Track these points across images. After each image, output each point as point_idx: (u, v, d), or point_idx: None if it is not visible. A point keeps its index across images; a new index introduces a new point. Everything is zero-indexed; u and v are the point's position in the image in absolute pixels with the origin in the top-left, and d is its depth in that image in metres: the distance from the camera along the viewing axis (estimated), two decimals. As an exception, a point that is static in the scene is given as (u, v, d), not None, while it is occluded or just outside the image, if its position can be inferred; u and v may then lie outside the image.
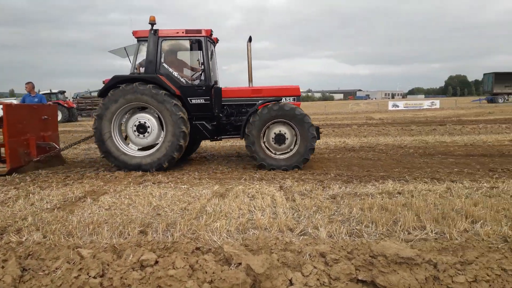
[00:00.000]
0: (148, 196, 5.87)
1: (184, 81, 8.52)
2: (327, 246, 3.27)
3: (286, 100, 8.63)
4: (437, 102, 42.46)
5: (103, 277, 2.91)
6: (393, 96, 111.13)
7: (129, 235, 4.18)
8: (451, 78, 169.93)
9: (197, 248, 3.59)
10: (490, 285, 2.63)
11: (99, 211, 5.17)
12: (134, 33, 8.34)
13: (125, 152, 8.10)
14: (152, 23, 8.11)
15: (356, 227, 4.34)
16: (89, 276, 2.86)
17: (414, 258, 2.70)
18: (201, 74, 8.55)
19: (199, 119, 8.53)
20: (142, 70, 8.58)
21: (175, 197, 5.79)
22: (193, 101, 8.44)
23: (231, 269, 2.92)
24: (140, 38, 8.39)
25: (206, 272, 2.80)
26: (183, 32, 8.35)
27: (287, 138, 8.07)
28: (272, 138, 8.06)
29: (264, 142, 8.07)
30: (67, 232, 4.34)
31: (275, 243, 3.59)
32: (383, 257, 2.72)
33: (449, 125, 17.48)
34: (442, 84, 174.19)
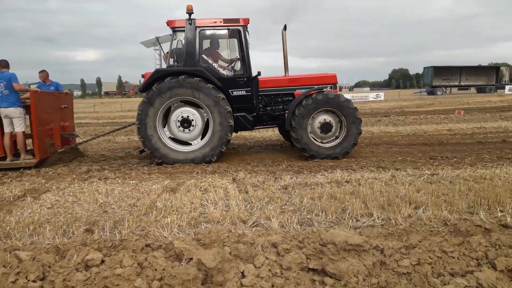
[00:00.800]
0: (94, 193, 5.61)
1: (224, 72, 8.29)
2: (279, 236, 3.29)
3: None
4: (381, 95, 44.31)
5: (43, 280, 2.73)
6: (340, 89, 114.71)
7: (74, 234, 3.97)
8: (394, 71, 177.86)
9: (147, 245, 3.47)
10: (432, 267, 2.77)
11: (40, 210, 4.86)
12: (170, 23, 7.92)
13: (171, 147, 7.84)
14: (190, 12, 7.78)
15: (307, 216, 4.41)
16: (28, 280, 2.67)
17: (362, 244, 2.78)
18: (241, 65, 8.29)
19: (240, 110, 8.28)
20: (171, 61, 8.28)
21: (123, 193, 5.57)
22: (235, 93, 8.20)
23: (181, 265, 2.85)
24: (176, 29, 7.98)
25: (155, 270, 2.71)
26: (220, 22, 8.01)
27: (333, 126, 8.08)
28: (318, 128, 8.05)
29: (310, 133, 8.03)
30: (4, 234, 4.04)
31: (228, 236, 3.56)
32: (333, 245, 2.78)
33: (393, 116, 18.31)
34: (386, 77, 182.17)
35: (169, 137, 7.95)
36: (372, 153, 8.60)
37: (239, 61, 8.39)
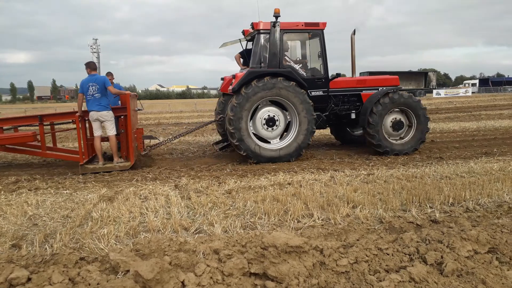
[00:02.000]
0: (22, 204, 5.20)
1: (304, 74, 8.59)
2: (221, 242, 3.25)
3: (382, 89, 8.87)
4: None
5: (-40, 305, 2.46)
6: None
7: (-2, 251, 3.64)
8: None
9: (81, 259, 3.27)
10: (369, 265, 2.87)
11: (-42, 227, 4.41)
12: (255, 25, 8.24)
13: (262, 146, 8.03)
14: (277, 15, 7.98)
15: (251, 220, 4.41)
16: None
17: (302, 246, 2.82)
18: (320, 66, 8.67)
19: (316, 110, 8.40)
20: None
21: (55, 204, 5.22)
22: (313, 93, 8.51)
23: (118, 277, 2.71)
24: (261, 31, 8.21)
25: (89, 284, 2.55)
26: (302, 25, 8.37)
27: (404, 124, 8.61)
28: (390, 126, 8.52)
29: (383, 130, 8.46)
30: None
31: (169, 245, 3.45)
32: (274, 248, 2.79)
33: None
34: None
35: (252, 133, 8.10)
36: (312, 155, 8.82)
37: (307, 63, 8.85)
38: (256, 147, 7.89)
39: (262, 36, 8.25)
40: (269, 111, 8.13)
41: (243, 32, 9.23)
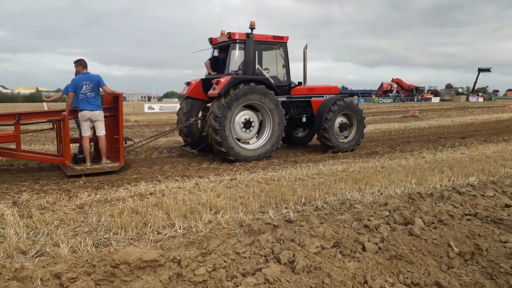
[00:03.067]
0: None
1: (272, 81, 9.29)
2: (65, 265, 2.86)
3: (326, 96, 10.37)
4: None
5: None
6: (149, 99, 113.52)
7: None
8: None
9: None
10: (227, 271, 2.86)
11: None
12: (232, 35, 8.85)
13: (241, 146, 8.69)
14: (252, 27, 8.98)
15: (105, 236, 4.04)
16: None
17: (158, 259, 2.66)
18: (284, 75, 9.80)
19: None
20: (236, 67, 9.13)
21: None
22: (279, 99, 9.18)
23: None
24: (237, 40, 8.92)
25: None
26: (271, 38, 9.39)
27: (348, 125, 10.19)
28: (338, 127, 9.92)
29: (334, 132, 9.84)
30: None
31: (1, 273, 2.91)
32: (126, 265, 2.56)
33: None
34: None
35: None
36: (178, 162, 8.65)
37: (267, 71, 9.51)
38: (236, 146, 8.49)
39: (237, 45, 9.01)
40: (245, 114, 8.80)
41: (211, 40, 9.82)
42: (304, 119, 10.12)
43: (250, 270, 2.88)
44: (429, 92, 74.03)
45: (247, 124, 8.81)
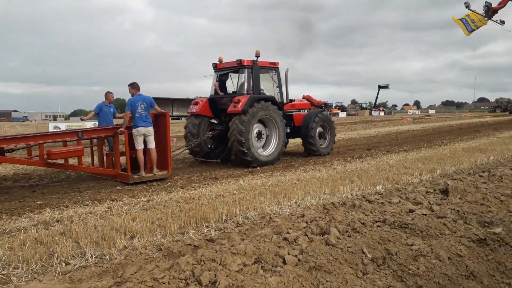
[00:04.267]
0: None
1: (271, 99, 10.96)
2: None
3: (304, 111, 12.65)
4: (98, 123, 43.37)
5: None
6: (55, 117, 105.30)
7: None
8: (117, 100, 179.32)
9: None
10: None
11: None
12: (242, 61, 10.56)
13: (260, 154, 10.40)
14: (258, 56, 10.79)
15: (2, 272, 3.58)
16: None
17: (65, 294, 2.40)
18: (278, 94, 11.63)
19: None
20: (245, 89, 10.67)
21: None
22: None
23: None
24: (246, 66, 10.65)
25: None
26: (268, 63, 11.30)
27: (325, 134, 12.62)
28: (317, 136, 12.11)
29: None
30: None
31: None
32: (27, 305, 2.27)
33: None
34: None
35: None
36: (94, 185, 8.06)
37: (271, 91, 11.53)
38: (256, 153, 10.10)
39: (246, 70, 10.74)
40: (257, 127, 10.44)
41: (215, 65, 11.37)
42: (288, 130, 11.75)
43: (169, 296, 2.74)
44: (337, 107, 78.93)
45: (259, 135, 10.57)
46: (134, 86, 8.52)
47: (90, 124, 24.91)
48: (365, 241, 3.89)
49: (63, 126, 39.63)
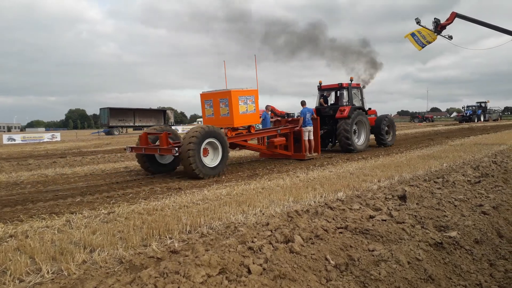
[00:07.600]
0: None
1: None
2: None
3: (372, 116, 17.95)
4: (58, 135, 41.75)
5: None
6: (9, 129, 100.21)
7: None
8: (71, 111, 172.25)
9: None
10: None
11: None
12: (342, 84, 16.19)
13: (358, 144, 15.76)
14: (352, 80, 16.20)
15: None
16: None
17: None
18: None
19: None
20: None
21: None
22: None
23: None
24: (344, 87, 16.19)
25: None
26: (356, 84, 16.72)
27: (390, 131, 18.05)
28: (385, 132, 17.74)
29: None
30: None
31: None
32: (-23, 327, 2.14)
33: (69, 156, 17.37)
34: (63, 117, 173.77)
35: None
36: (45, 198, 7.72)
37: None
38: (355, 143, 15.32)
39: (344, 89, 16.11)
40: (353, 127, 15.40)
41: (320, 86, 16.81)
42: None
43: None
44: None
45: (354, 132, 15.51)
46: (304, 103, 13.96)
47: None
48: (328, 247, 3.96)
49: (18, 137, 37.85)
